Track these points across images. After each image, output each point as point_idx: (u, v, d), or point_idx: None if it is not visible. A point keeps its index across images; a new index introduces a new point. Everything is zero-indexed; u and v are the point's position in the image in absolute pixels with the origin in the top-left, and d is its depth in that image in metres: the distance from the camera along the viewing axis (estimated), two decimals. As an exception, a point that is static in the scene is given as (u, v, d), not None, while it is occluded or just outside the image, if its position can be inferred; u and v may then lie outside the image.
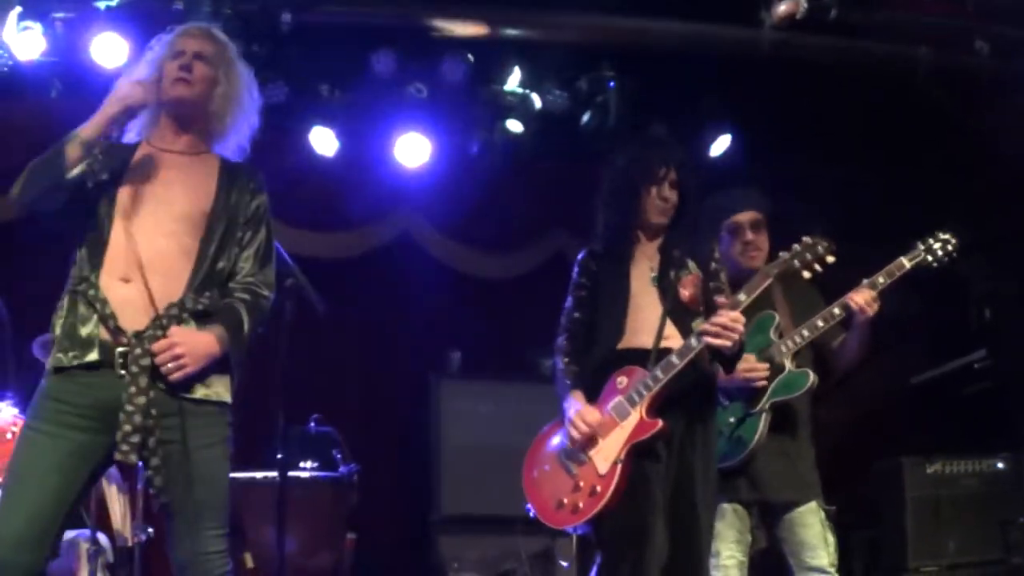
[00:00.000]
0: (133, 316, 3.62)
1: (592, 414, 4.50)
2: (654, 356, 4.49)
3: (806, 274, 4.60)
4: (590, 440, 4.50)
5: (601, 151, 7.98)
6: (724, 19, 7.36)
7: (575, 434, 4.51)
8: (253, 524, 6.16)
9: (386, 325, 8.79)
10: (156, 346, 3.56)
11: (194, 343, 3.61)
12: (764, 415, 4.97)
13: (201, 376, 3.65)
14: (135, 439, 3.49)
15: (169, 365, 3.57)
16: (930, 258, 4.95)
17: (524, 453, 4.82)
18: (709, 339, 4.38)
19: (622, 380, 4.54)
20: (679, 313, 4.61)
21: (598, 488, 4.45)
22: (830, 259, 4.57)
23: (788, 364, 5.00)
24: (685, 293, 4.62)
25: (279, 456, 5.77)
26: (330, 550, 6.58)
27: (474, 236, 8.94)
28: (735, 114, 8.10)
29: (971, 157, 6.76)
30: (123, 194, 3.77)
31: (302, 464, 6.58)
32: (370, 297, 8.65)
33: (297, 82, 7.66)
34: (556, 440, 4.69)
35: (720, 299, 4.56)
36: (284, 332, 5.47)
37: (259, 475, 6.39)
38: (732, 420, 4.99)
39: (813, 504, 5.03)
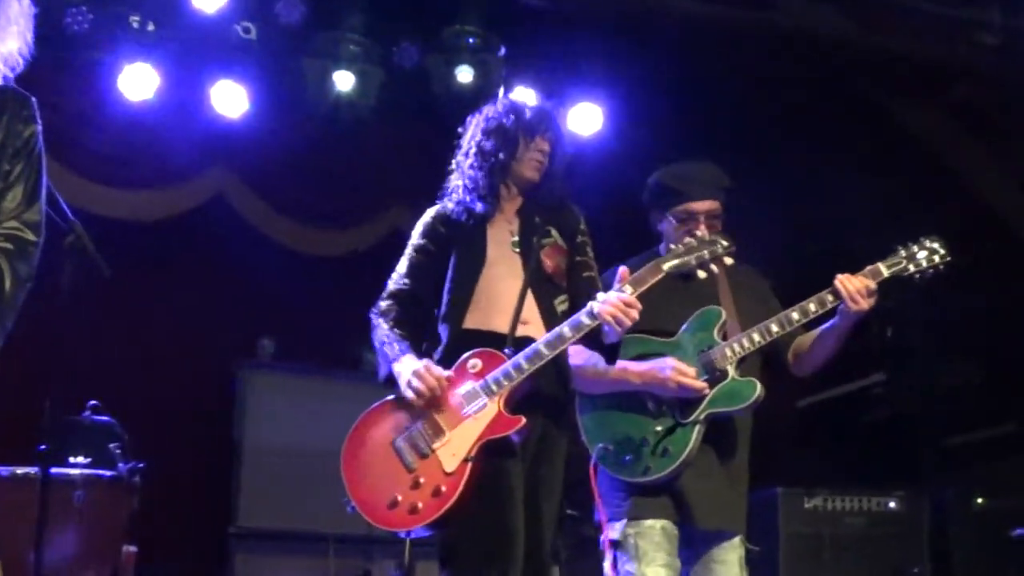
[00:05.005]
0: None
1: (439, 369, 4.23)
2: (510, 342, 4.28)
3: (701, 273, 4.36)
4: (435, 424, 4.20)
5: (454, 117, 7.49)
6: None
7: (422, 388, 4.17)
8: (6, 528, 5.56)
9: (190, 302, 8.38)
10: None
11: None
12: (697, 427, 4.58)
13: None
14: None
15: None
16: (912, 268, 4.57)
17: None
18: (605, 314, 4.16)
19: (476, 363, 4.28)
20: (541, 285, 4.46)
21: (443, 488, 4.16)
22: (728, 260, 4.35)
23: (732, 371, 4.64)
24: (548, 263, 4.48)
25: (42, 447, 5.25)
26: (102, 563, 6.07)
27: (299, 205, 8.63)
28: (619, 87, 7.88)
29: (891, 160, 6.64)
30: None
31: (72, 459, 6.15)
32: (173, 268, 8.39)
33: (103, 11, 7.20)
34: (388, 423, 4.32)
35: (591, 275, 4.51)
36: (60, 300, 4.97)
37: (17, 470, 5.94)
38: (659, 429, 4.61)
39: (736, 540, 4.71)
